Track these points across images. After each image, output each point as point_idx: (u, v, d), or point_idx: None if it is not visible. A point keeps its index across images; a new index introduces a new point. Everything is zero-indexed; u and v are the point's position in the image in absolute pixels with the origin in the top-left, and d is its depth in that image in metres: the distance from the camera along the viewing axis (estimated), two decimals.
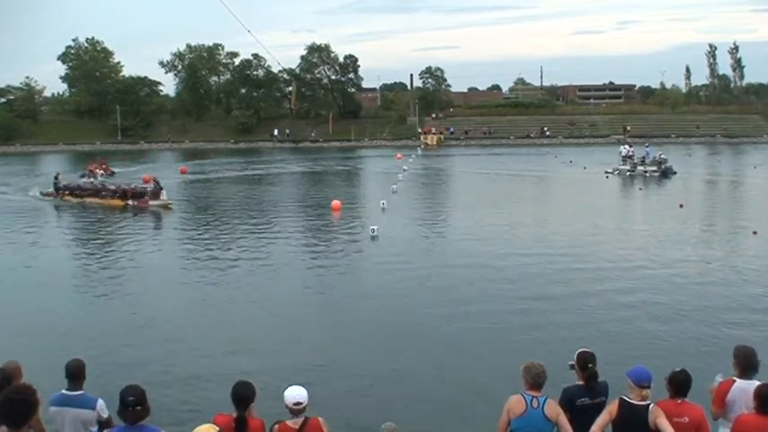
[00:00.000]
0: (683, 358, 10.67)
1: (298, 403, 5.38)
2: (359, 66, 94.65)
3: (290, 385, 5.55)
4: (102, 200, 34.79)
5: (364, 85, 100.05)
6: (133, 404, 4.98)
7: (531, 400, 5.55)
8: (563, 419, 5.56)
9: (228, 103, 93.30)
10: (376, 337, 13.83)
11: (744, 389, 5.69)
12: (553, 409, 5.56)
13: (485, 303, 15.89)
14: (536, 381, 5.63)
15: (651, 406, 5.43)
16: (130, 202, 33.36)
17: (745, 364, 5.85)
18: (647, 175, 43.93)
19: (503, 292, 16.81)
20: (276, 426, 5.41)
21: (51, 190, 37.26)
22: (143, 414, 5.04)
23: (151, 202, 32.98)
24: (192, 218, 30.89)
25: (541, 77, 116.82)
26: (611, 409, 5.55)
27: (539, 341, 12.87)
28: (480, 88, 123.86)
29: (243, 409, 5.41)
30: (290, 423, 5.39)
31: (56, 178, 37.98)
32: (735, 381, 5.88)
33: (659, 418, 5.34)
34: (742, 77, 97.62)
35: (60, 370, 6.08)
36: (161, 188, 33.81)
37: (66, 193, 36.28)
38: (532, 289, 17.06)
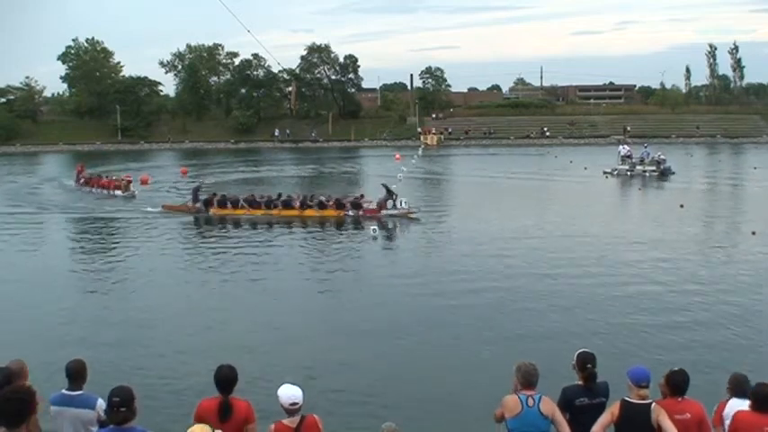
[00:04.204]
0: (683, 358, 10.69)
1: (294, 404, 5.44)
2: (359, 66, 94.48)
3: (284, 383, 5.57)
4: (299, 211, 29.69)
5: (364, 85, 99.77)
6: (117, 405, 4.96)
7: (527, 399, 5.57)
8: (558, 415, 5.59)
9: (228, 103, 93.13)
10: (376, 336, 13.86)
11: (738, 405, 5.76)
12: (548, 406, 5.59)
13: (486, 303, 15.94)
14: (527, 379, 5.64)
15: (653, 404, 5.45)
16: (350, 212, 29.34)
17: (738, 390, 5.95)
18: (647, 175, 43.96)
19: (503, 293, 16.84)
20: (273, 425, 5.45)
21: (191, 202, 31.43)
22: (128, 416, 4.99)
23: (384, 212, 29.09)
24: (191, 217, 30.74)
25: (541, 78, 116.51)
26: (612, 410, 5.56)
27: (540, 341, 12.91)
28: (480, 88, 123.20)
29: (228, 391, 5.54)
30: (286, 422, 5.44)
31: (198, 189, 32.30)
32: (730, 399, 5.98)
33: (661, 415, 5.36)
34: (742, 78, 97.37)
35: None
36: (395, 195, 29.76)
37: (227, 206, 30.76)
38: (534, 288, 17.11)
